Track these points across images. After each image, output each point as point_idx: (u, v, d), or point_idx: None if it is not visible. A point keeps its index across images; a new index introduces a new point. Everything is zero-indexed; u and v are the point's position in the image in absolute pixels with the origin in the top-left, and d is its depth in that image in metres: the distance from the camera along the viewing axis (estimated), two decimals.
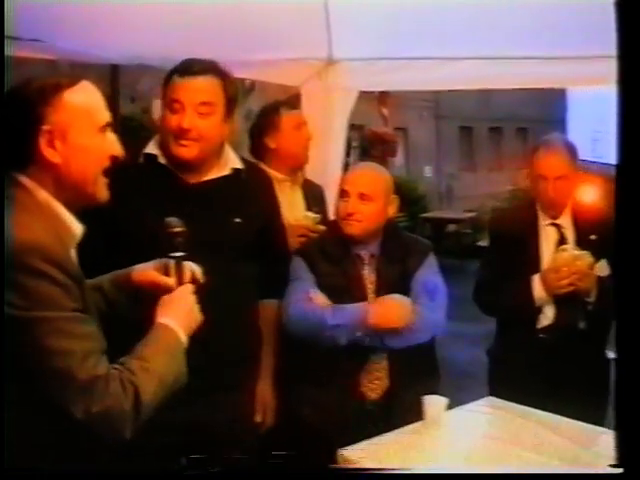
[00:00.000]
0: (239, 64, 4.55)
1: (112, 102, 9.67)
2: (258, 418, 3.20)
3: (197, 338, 2.25)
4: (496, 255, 3.78)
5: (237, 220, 2.98)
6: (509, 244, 3.67)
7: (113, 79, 9.53)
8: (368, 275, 3.35)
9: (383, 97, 14.63)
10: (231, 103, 2.94)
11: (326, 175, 4.55)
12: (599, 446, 2.79)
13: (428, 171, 20.40)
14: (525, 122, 24.51)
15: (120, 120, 9.05)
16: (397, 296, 3.24)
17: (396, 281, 3.32)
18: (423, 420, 2.97)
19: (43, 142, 2.05)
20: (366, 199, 3.31)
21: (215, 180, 2.99)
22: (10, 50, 3.81)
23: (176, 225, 2.38)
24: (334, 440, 2.91)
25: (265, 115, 4.01)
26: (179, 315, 2.23)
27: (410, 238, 3.55)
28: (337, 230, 3.38)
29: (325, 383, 3.27)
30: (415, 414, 2.98)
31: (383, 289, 3.30)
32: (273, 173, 3.85)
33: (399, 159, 12.58)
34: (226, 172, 3.02)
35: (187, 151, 2.87)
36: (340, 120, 4.87)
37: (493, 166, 24.34)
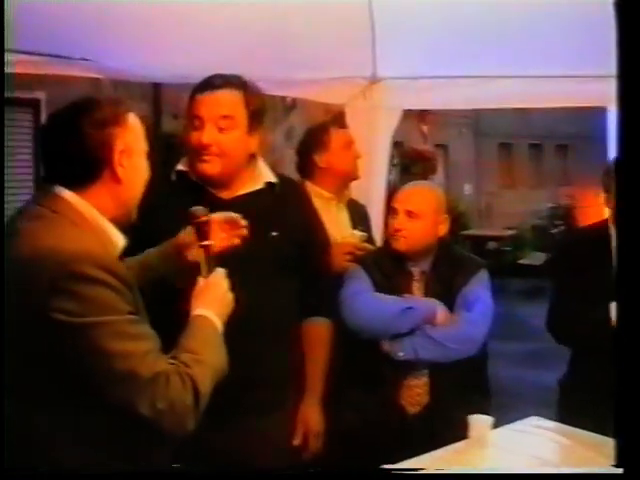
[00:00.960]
0: (284, 83, 4.63)
1: (155, 119, 9.75)
2: (297, 441, 3.11)
3: (235, 356, 2.27)
4: (570, 280, 3.59)
5: (274, 234, 2.93)
6: (584, 268, 3.50)
7: (156, 96, 9.61)
8: (417, 291, 3.41)
9: (423, 114, 14.66)
10: (255, 116, 2.89)
11: (370, 193, 4.57)
12: None
13: (468, 189, 20.30)
14: (565, 139, 24.37)
15: (162, 137, 9.13)
16: None
17: (444, 298, 3.36)
18: (468, 439, 2.96)
19: (117, 161, 2.15)
20: (413, 216, 3.37)
21: (249, 194, 2.95)
22: (59, 69, 3.90)
23: (202, 214, 2.47)
24: (373, 449, 2.98)
25: (313, 133, 4.01)
26: (214, 304, 2.30)
27: (463, 257, 3.58)
28: (389, 245, 3.45)
29: (368, 391, 3.34)
30: (457, 431, 2.95)
31: None
32: (320, 191, 3.89)
33: (439, 176, 12.57)
34: (259, 186, 2.98)
35: (210, 167, 2.84)
36: (384, 138, 4.89)
37: (533, 183, 24.20)
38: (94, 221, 2.14)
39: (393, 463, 2.73)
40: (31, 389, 2.06)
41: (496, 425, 3.02)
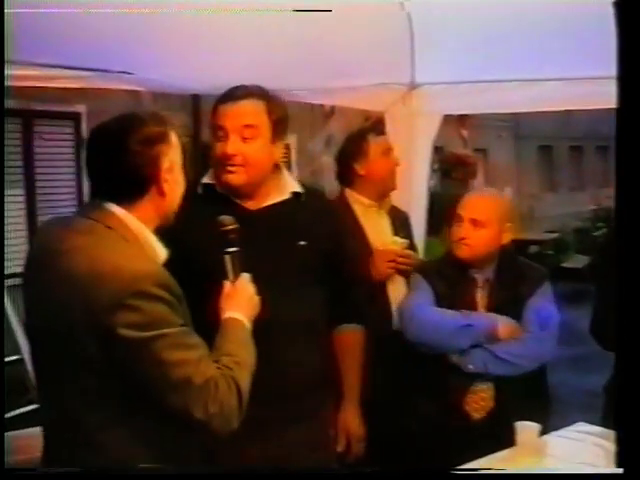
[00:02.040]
0: (323, 91, 4.63)
1: (194, 130, 9.80)
2: (340, 448, 3.14)
3: (269, 365, 2.35)
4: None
5: (302, 243, 2.93)
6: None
7: (195, 107, 9.65)
8: (481, 299, 3.44)
9: (462, 119, 14.62)
10: (278, 125, 2.89)
11: (411, 199, 4.56)
12: None
13: (508, 192, 20.22)
14: (605, 140, 24.15)
15: (202, 147, 9.17)
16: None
17: (508, 306, 3.39)
18: (515, 446, 2.94)
19: (163, 177, 2.23)
20: (478, 225, 3.40)
21: (276, 205, 2.95)
22: (99, 82, 3.92)
23: (229, 222, 2.57)
24: (436, 454, 3.06)
25: (352, 141, 4.01)
26: (242, 307, 2.43)
27: (526, 265, 3.59)
28: (452, 252, 3.47)
29: (433, 397, 3.39)
30: None
31: (494, 313, 3.39)
32: (360, 198, 3.91)
33: (479, 181, 12.52)
34: (286, 196, 2.98)
35: (235, 177, 2.85)
36: (424, 144, 4.87)
37: (574, 185, 24.06)
38: (141, 236, 2.22)
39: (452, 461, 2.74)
40: (91, 397, 2.14)
41: (543, 431, 3.01)
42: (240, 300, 2.46)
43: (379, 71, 4.45)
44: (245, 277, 2.51)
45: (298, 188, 3.02)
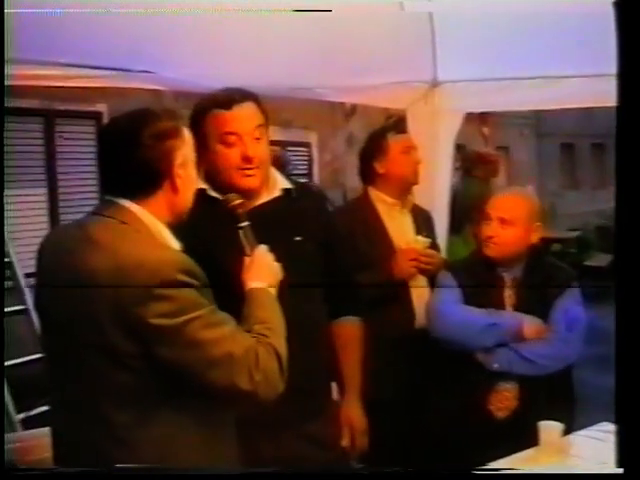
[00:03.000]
0: (344, 89, 4.62)
1: None
2: (344, 443, 3.12)
3: None
4: None
5: (298, 238, 2.95)
6: None
7: None
8: (508, 298, 3.43)
9: (484, 117, 14.58)
10: (267, 124, 2.91)
11: (433, 197, 4.55)
12: None
13: (530, 190, 20.16)
14: None
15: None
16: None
17: (535, 306, 3.38)
18: (538, 446, 2.92)
19: (176, 172, 2.24)
20: (506, 224, 3.40)
21: (268, 203, 2.95)
22: (121, 82, 3.93)
23: (235, 198, 2.70)
24: (458, 453, 3.08)
25: (373, 140, 4.01)
26: (264, 275, 2.48)
27: (555, 265, 3.58)
28: (481, 251, 3.47)
29: (456, 396, 3.39)
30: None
31: (522, 312, 3.38)
32: (383, 197, 3.90)
33: (501, 179, 12.47)
34: (277, 193, 2.98)
35: (253, 180, 2.85)
36: (446, 142, 4.86)
37: (596, 183, 23.93)
38: (155, 230, 2.23)
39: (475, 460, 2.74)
40: (124, 395, 2.14)
41: (566, 431, 2.99)
42: (260, 269, 2.50)
43: (401, 69, 4.44)
44: (262, 248, 2.57)
45: (288, 184, 3.03)
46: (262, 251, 2.56)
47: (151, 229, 2.22)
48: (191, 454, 2.19)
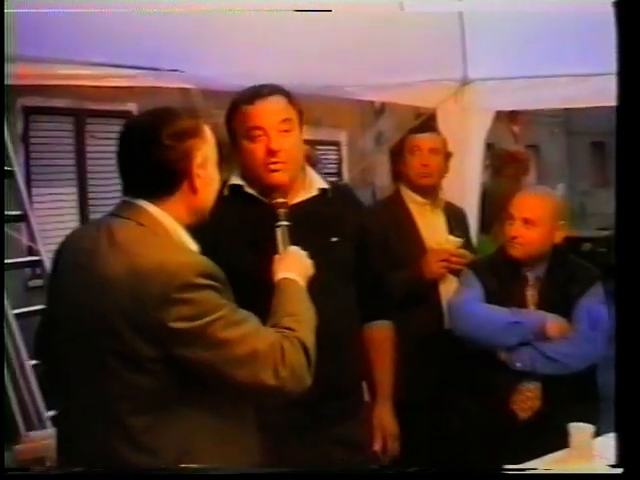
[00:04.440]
0: (374, 87, 4.61)
1: None
2: (377, 446, 3.09)
3: None
4: None
5: (334, 239, 2.92)
6: None
7: None
8: (531, 297, 3.43)
9: (514, 115, 14.51)
10: (301, 118, 2.89)
11: (464, 196, 4.53)
12: None
13: (560, 189, 20.04)
14: None
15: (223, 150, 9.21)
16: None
17: (558, 305, 3.37)
18: (569, 448, 2.90)
19: (195, 173, 2.20)
20: (530, 224, 3.39)
21: (305, 202, 2.93)
22: (150, 81, 3.94)
23: (278, 197, 2.73)
24: (481, 453, 3.08)
25: (403, 139, 4.01)
26: (294, 267, 2.48)
27: (578, 264, 3.57)
28: (504, 250, 3.46)
29: (477, 395, 3.40)
30: (567, 439, 2.91)
31: (545, 311, 3.37)
32: (414, 196, 3.91)
33: (531, 177, 12.39)
34: (313, 193, 2.96)
35: (280, 175, 2.82)
36: (477, 141, 4.84)
37: None
38: (173, 231, 2.20)
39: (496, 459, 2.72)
40: (141, 399, 2.11)
41: (596, 433, 2.96)
42: (291, 262, 2.51)
43: (431, 67, 4.43)
44: (295, 247, 2.59)
45: (324, 184, 3.01)
46: (296, 248, 2.59)
47: (169, 231, 2.19)
48: (210, 456, 2.17)
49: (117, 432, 2.12)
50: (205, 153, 2.23)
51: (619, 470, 2.06)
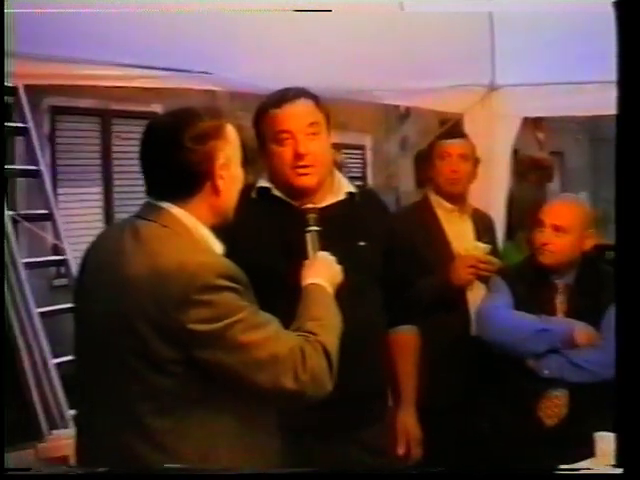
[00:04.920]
0: (401, 92, 4.61)
1: None
2: (400, 451, 3.09)
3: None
4: None
5: (362, 243, 2.92)
6: None
7: None
8: (560, 304, 3.43)
9: (538, 121, 14.41)
10: (329, 121, 2.89)
11: (490, 202, 4.51)
12: None
13: (584, 196, 19.94)
14: None
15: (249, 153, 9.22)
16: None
17: (587, 313, 3.36)
18: (594, 457, 2.87)
19: (218, 174, 2.19)
20: (560, 231, 3.38)
21: (333, 205, 2.93)
22: (179, 82, 3.95)
23: (308, 202, 2.75)
24: (506, 459, 3.09)
25: (432, 144, 4.01)
26: (322, 273, 2.47)
27: (607, 272, 3.53)
28: (534, 258, 3.46)
29: (504, 402, 3.41)
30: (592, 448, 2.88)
31: (573, 319, 3.37)
32: (442, 202, 3.90)
33: (555, 184, 12.31)
34: (341, 197, 2.96)
35: (308, 179, 2.83)
36: (504, 147, 4.82)
37: None
38: (196, 232, 2.19)
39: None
40: (164, 400, 2.10)
41: None
42: (320, 267, 2.50)
43: (459, 72, 4.41)
44: (324, 253, 2.58)
45: (352, 188, 3.01)
46: (325, 254, 2.58)
47: (193, 232, 2.18)
48: (231, 460, 2.16)
49: (138, 432, 2.11)
50: (227, 154, 2.22)
51: (619, 470, 2.06)
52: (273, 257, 2.79)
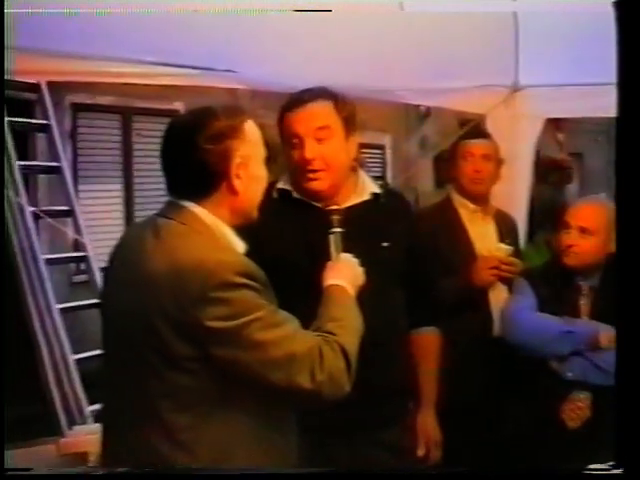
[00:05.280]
0: (424, 92, 4.60)
1: None
2: (420, 452, 3.08)
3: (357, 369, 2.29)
4: None
5: (385, 244, 2.91)
6: None
7: None
8: (584, 306, 3.42)
9: (559, 122, 14.37)
10: (349, 123, 2.86)
11: (513, 203, 4.49)
12: None
13: (603, 197, 19.84)
14: None
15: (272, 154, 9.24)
16: None
17: (611, 315, 3.30)
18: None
19: (234, 173, 2.19)
20: (586, 233, 3.39)
21: (357, 205, 2.93)
22: (202, 80, 3.95)
23: (332, 204, 2.74)
24: (528, 461, 3.11)
25: (455, 144, 4.00)
26: (344, 274, 2.47)
27: None
28: (559, 259, 3.45)
29: (528, 403, 3.41)
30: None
31: (598, 321, 3.36)
32: (465, 202, 3.89)
33: (574, 185, 12.27)
34: (365, 197, 2.96)
35: (319, 183, 2.83)
36: (526, 148, 4.80)
37: None
38: (217, 230, 2.20)
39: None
40: (182, 397, 2.11)
41: None
42: (343, 269, 2.50)
43: (482, 73, 4.40)
44: (347, 255, 2.58)
45: (377, 189, 3.01)
46: (348, 256, 2.58)
47: (213, 230, 2.19)
48: (248, 459, 2.17)
49: (157, 429, 2.12)
50: (245, 153, 2.21)
51: (619, 470, 2.06)
52: (296, 256, 2.79)
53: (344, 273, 2.48)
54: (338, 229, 2.66)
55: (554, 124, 14.36)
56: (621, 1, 2.11)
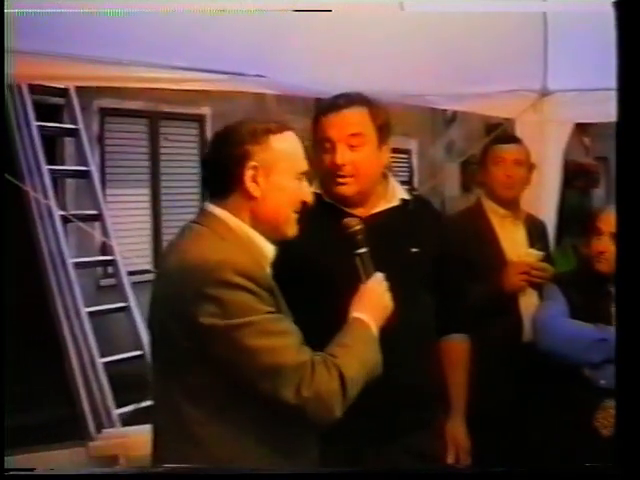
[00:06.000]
0: (452, 96, 4.58)
1: None
2: (450, 459, 3.08)
3: (386, 374, 2.32)
4: None
5: (414, 250, 2.91)
6: None
7: None
8: (615, 312, 3.34)
9: (585, 126, 14.29)
10: (383, 130, 2.88)
11: (542, 208, 4.47)
12: None
13: None
14: None
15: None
16: None
17: None
18: None
19: (248, 176, 2.24)
20: None
21: (385, 212, 2.94)
22: (231, 85, 3.95)
23: (355, 223, 2.62)
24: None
25: (485, 149, 3.99)
26: (369, 308, 2.41)
27: None
28: (590, 265, 3.44)
29: (559, 411, 3.41)
30: None
31: None
32: (495, 207, 3.87)
33: (600, 190, 12.18)
34: (395, 203, 2.97)
35: (347, 188, 2.84)
36: (555, 152, 4.76)
37: None
38: (241, 231, 2.25)
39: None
40: (194, 392, 2.16)
41: None
42: (369, 301, 2.45)
43: (511, 77, 4.37)
44: (377, 277, 2.52)
45: (406, 195, 3.02)
46: (376, 281, 2.52)
47: (238, 234, 2.24)
48: (260, 462, 2.18)
49: (179, 424, 2.18)
50: (265, 159, 2.26)
51: (619, 470, 2.05)
52: (324, 259, 2.80)
53: (369, 305, 2.44)
54: (363, 249, 2.58)
55: (580, 128, 14.26)
56: (621, 1, 2.10)
